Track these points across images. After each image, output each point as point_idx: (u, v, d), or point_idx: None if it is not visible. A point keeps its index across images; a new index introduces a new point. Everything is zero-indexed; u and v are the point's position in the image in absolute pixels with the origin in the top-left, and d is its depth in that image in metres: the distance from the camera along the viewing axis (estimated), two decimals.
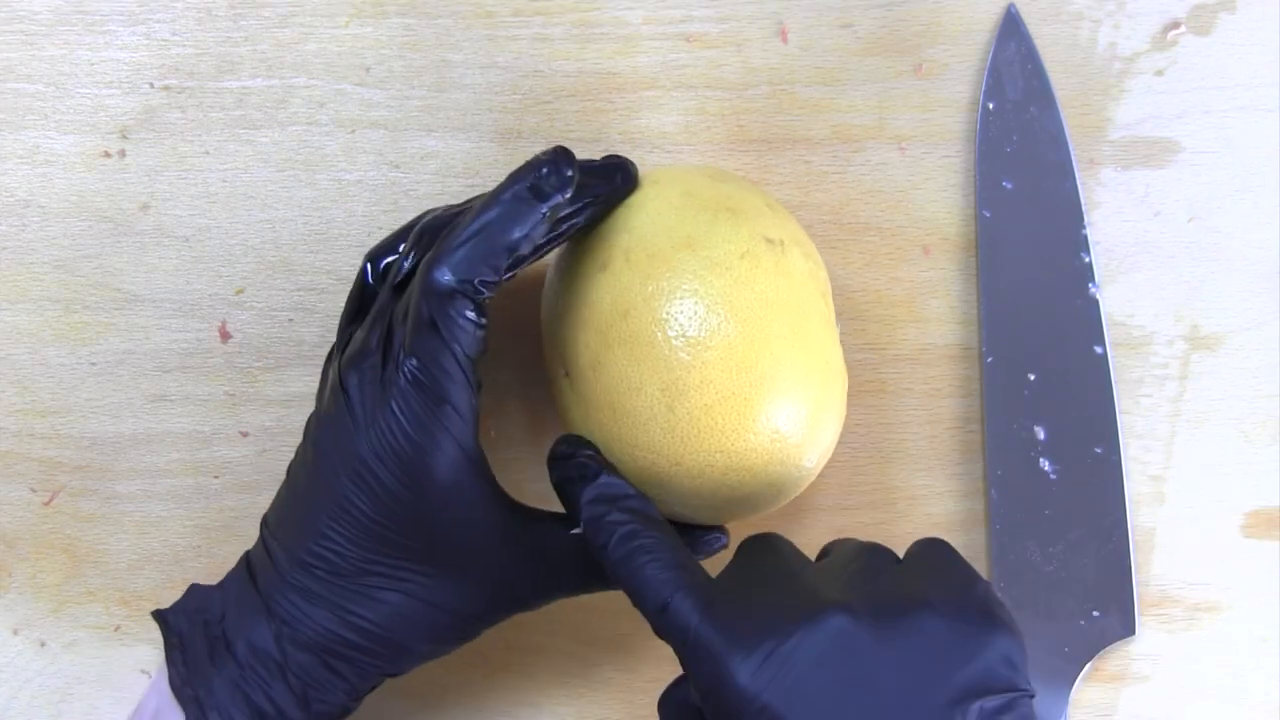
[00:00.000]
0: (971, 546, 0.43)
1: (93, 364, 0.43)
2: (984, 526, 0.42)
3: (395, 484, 0.33)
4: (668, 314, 0.33)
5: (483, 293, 0.32)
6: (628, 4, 0.41)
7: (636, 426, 0.34)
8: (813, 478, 0.37)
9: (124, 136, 0.42)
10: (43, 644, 0.44)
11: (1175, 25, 0.41)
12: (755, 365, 0.33)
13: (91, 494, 0.43)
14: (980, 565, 0.42)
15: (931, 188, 0.42)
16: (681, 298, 0.33)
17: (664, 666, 0.43)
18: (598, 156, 0.40)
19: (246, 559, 0.36)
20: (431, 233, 0.35)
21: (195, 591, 0.36)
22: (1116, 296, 0.42)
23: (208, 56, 0.42)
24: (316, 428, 0.35)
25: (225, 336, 0.42)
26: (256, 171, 0.42)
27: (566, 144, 0.41)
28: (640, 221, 0.35)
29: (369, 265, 0.36)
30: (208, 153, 0.42)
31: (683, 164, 0.41)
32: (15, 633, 0.44)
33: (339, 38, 0.41)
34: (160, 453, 0.43)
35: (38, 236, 0.42)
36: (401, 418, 0.32)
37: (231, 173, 0.42)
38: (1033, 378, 0.41)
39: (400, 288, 0.35)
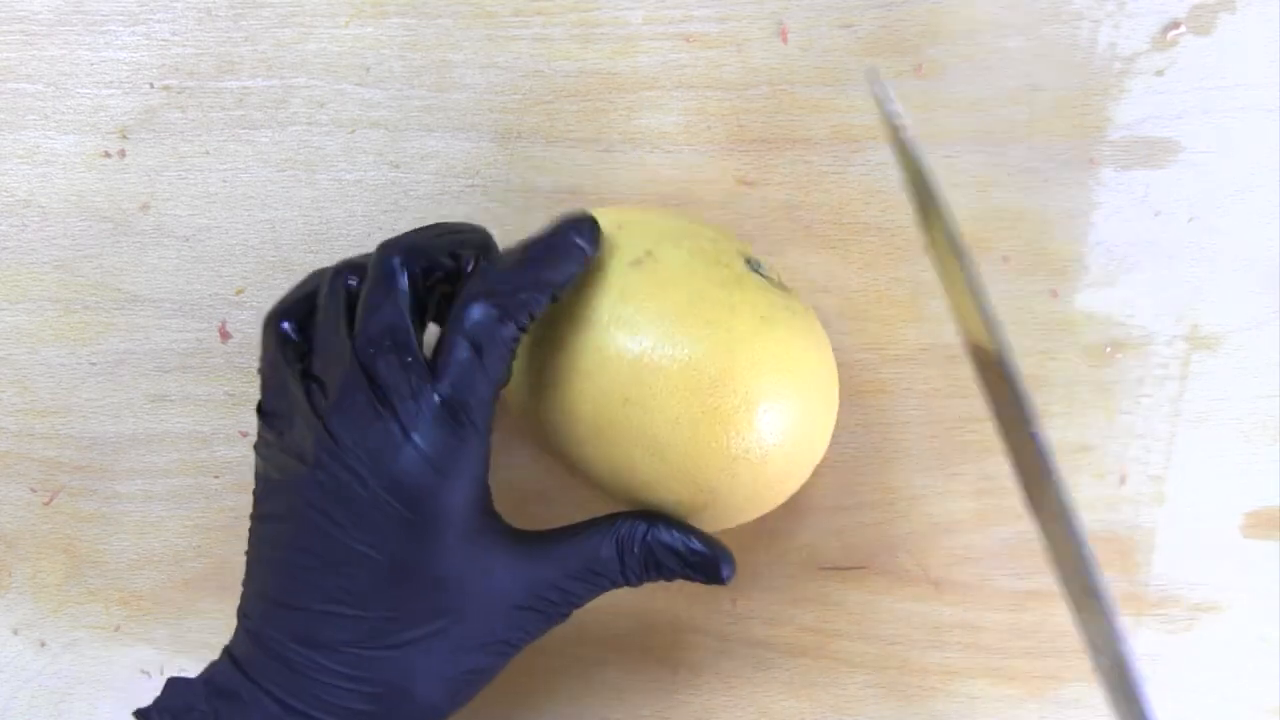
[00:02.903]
0: (971, 547, 0.43)
1: (93, 364, 0.43)
2: (989, 528, 0.42)
3: (412, 522, 0.31)
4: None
5: (524, 325, 0.32)
6: (628, 4, 0.41)
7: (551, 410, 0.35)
8: (759, 465, 0.34)
9: (124, 136, 0.42)
10: (43, 644, 0.44)
11: (1175, 25, 0.41)
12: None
13: (91, 494, 0.43)
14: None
15: None
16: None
17: (664, 666, 0.43)
18: (595, 156, 0.40)
19: (229, 654, 0.34)
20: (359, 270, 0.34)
21: (176, 687, 0.34)
22: (1116, 296, 0.42)
23: (208, 56, 0.42)
24: (296, 494, 0.32)
25: (225, 336, 0.42)
26: (256, 171, 0.42)
27: (567, 144, 0.42)
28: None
29: (282, 324, 0.34)
30: (208, 153, 0.42)
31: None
32: (15, 633, 0.44)
33: (339, 38, 0.41)
34: (160, 453, 0.43)
35: (38, 236, 0.42)
36: (425, 447, 0.31)
37: (231, 173, 0.42)
38: None
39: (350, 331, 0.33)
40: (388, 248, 0.33)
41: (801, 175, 0.42)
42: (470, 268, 0.34)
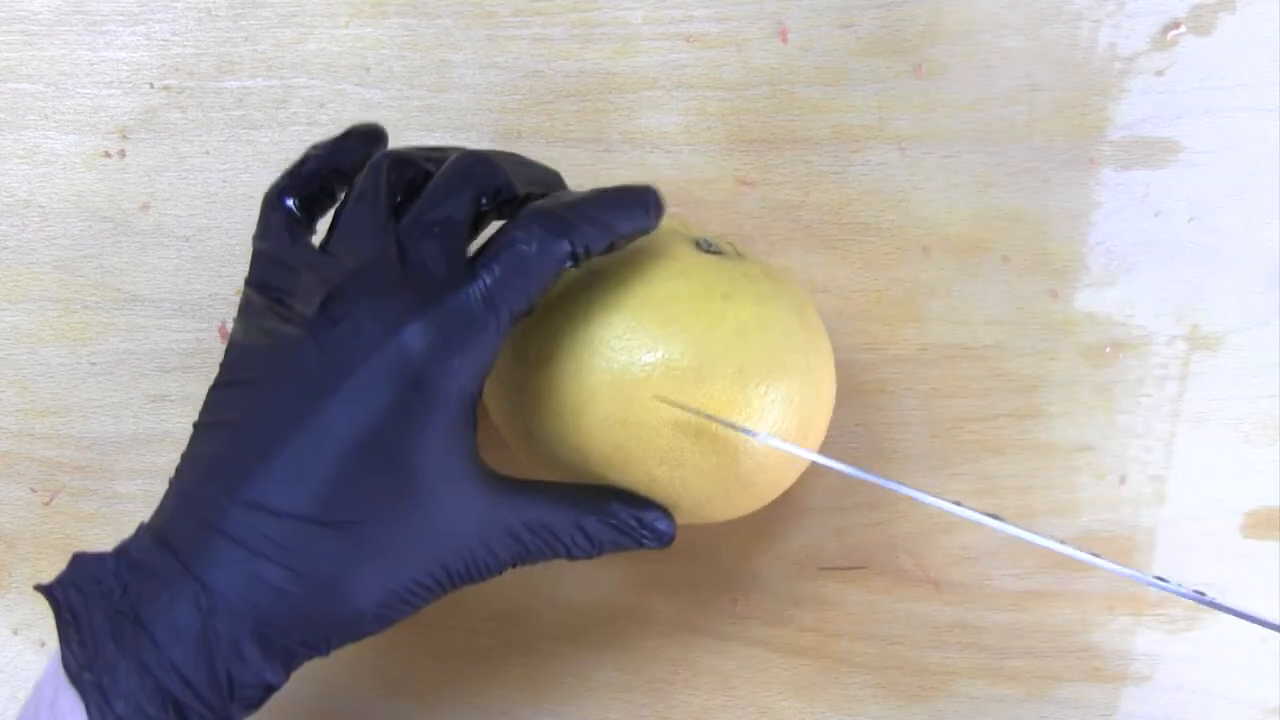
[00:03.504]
0: (971, 547, 0.43)
1: (93, 364, 0.43)
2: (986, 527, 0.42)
3: (406, 399, 0.30)
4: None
5: (578, 252, 0.31)
6: (628, 4, 0.41)
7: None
8: (777, 430, 0.34)
9: (124, 136, 0.42)
10: (43, 644, 0.44)
11: (1175, 25, 0.41)
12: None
13: (91, 494, 0.43)
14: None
15: (931, 188, 0.42)
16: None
17: (664, 666, 0.43)
18: (595, 156, 0.40)
19: (149, 528, 0.32)
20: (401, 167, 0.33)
21: (82, 562, 0.31)
22: (1116, 296, 0.42)
23: (208, 56, 0.42)
24: (286, 358, 0.31)
25: (225, 336, 0.42)
26: (256, 171, 0.42)
27: (567, 144, 0.42)
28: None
29: (286, 200, 0.33)
30: (208, 153, 0.42)
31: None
32: (15, 633, 0.44)
33: (339, 38, 0.41)
34: (160, 453, 0.43)
35: (38, 236, 0.42)
36: (445, 327, 0.30)
37: (231, 173, 0.42)
38: None
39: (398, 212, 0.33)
40: (468, 156, 0.33)
41: (801, 175, 0.42)
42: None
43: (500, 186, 0.33)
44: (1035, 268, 0.42)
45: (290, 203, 0.33)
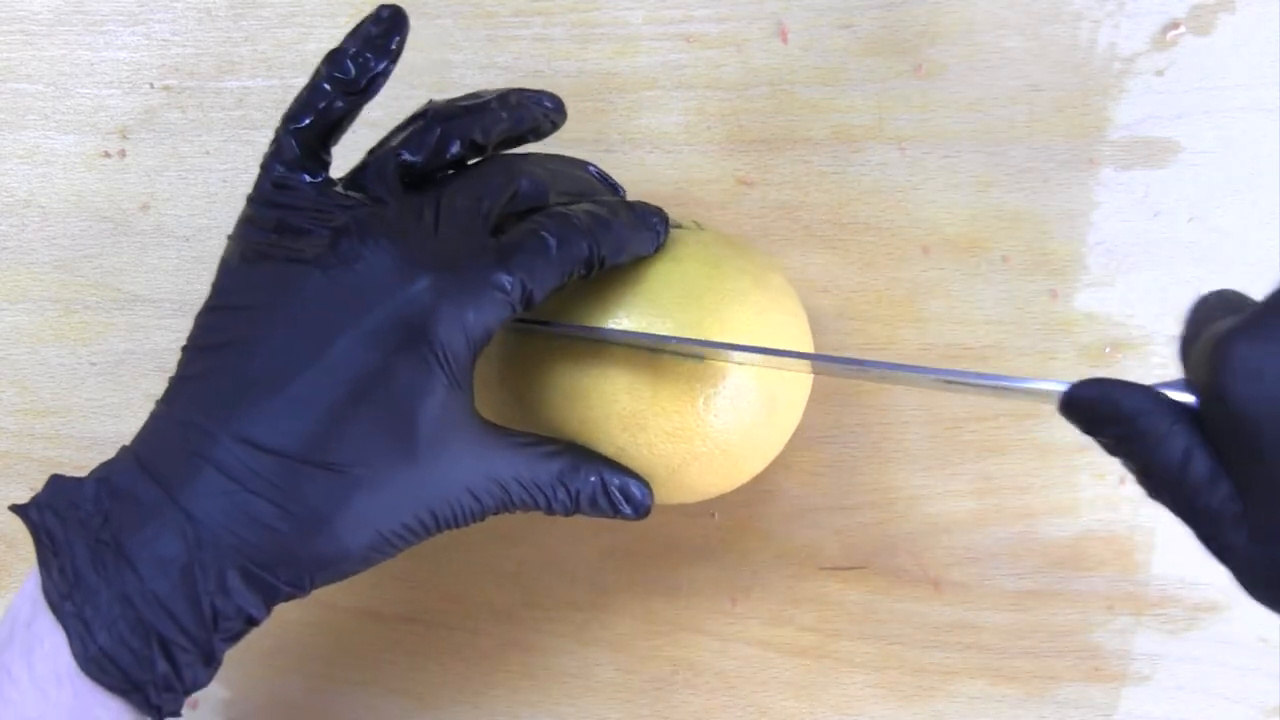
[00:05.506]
0: (971, 547, 0.43)
1: (93, 364, 0.43)
2: (989, 528, 0.42)
3: (414, 344, 0.30)
4: None
5: (592, 259, 0.33)
6: (628, 4, 0.41)
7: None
8: (761, 376, 0.35)
9: (124, 136, 0.42)
10: None
11: (1175, 25, 0.41)
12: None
13: None
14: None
15: (931, 188, 0.42)
16: None
17: (664, 666, 0.43)
18: (595, 156, 0.40)
19: (132, 452, 0.31)
20: (446, 120, 0.34)
21: (59, 485, 0.31)
22: (1116, 296, 0.42)
23: (208, 56, 0.42)
24: (291, 286, 0.31)
25: None
26: (256, 171, 0.42)
27: (567, 144, 0.42)
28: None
29: (310, 130, 0.33)
30: (208, 153, 0.42)
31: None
32: None
33: (339, 38, 0.41)
34: None
35: (38, 236, 0.42)
36: (463, 289, 0.31)
37: (231, 173, 0.42)
38: None
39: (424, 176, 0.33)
40: (519, 159, 0.35)
41: (801, 175, 0.42)
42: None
43: (538, 195, 0.34)
44: (1035, 268, 0.42)
45: (306, 125, 0.33)
